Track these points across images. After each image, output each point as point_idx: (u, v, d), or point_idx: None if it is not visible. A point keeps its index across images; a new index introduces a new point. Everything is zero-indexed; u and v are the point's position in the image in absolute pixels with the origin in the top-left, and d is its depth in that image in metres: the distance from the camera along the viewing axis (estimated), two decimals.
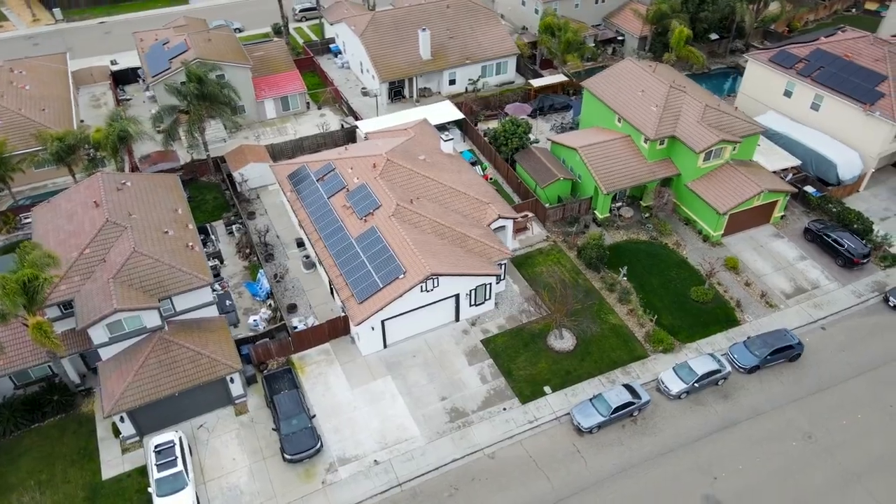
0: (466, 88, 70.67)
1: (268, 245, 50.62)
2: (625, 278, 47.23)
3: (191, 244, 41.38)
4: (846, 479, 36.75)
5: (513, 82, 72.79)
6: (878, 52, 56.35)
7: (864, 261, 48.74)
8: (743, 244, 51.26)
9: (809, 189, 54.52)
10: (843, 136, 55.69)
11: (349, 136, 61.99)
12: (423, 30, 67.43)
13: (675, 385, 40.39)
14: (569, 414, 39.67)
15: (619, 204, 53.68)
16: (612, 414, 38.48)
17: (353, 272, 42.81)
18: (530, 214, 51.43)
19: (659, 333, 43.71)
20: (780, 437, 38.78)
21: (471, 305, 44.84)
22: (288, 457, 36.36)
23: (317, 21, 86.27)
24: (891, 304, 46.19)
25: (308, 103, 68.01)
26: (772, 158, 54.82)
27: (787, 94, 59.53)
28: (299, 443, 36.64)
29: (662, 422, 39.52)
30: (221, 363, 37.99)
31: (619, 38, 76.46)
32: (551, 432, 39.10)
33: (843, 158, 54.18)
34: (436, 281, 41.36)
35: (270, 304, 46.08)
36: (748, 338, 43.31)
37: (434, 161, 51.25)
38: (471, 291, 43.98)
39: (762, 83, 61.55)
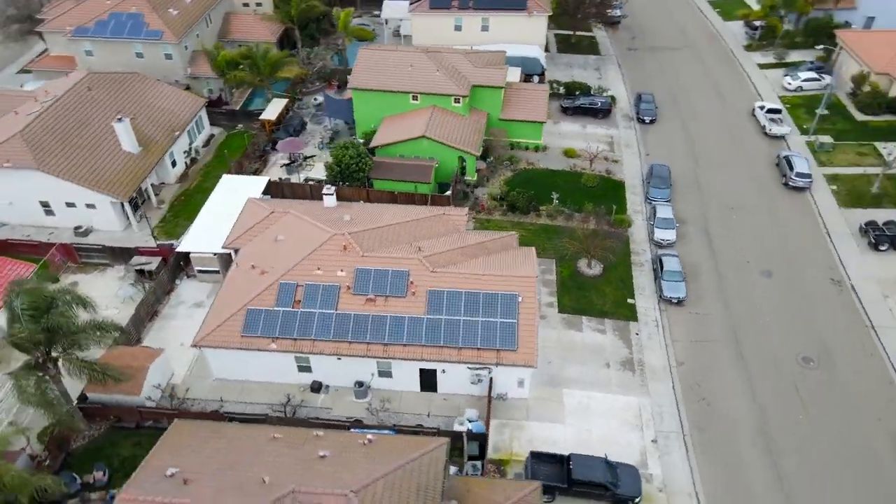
0: (186, 162, 59.08)
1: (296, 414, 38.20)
2: (558, 202, 53.38)
3: (322, 454, 30.10)
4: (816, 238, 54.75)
5: (213, 135, 63.67)
6: None
7: (611, 109, 66.16)
8: (548, 137, 62.23)
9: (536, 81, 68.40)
10: (519, 39, 70.27)
11: (173, 274, 47.06)
12: (119, 120, 52.53)
13: (670, 234, 51.01)
14: (662, 300, 46.42)
15: None
16: (683, 276, 47.15)
17: (470, 337, 37.95)
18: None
19: (618, 218, 52.59)
20: (754, 215, 53.89)
21: None
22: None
23: None
24: (647, 121, 65.06)
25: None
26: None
27: (458, 28, 70.28)
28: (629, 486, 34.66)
29: (692, 257, 49.93)
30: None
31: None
32: (673, 318, 45.54)
33: (537, 53, 69.20)
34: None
35: None
36: (648, 182, 56.08)
37: (354, 214, 45.56)
38: None
39: (432, 29, 70.44)
